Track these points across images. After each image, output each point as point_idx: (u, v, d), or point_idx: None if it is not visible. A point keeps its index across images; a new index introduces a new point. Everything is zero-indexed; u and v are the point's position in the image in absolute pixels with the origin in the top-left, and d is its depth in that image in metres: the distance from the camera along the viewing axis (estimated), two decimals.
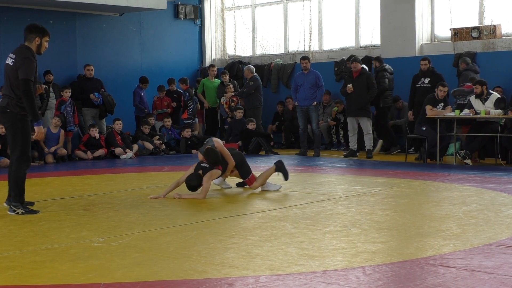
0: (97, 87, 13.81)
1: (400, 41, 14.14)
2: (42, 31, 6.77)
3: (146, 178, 9.94)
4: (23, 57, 6.63)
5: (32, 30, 6.75)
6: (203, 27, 17.67)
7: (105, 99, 13.78)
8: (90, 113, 13.88)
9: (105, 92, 13.89)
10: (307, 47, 16.11)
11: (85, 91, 13.73)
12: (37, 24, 6.88)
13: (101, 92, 13.78)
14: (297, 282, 4.01)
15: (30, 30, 6.75)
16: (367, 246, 4.95)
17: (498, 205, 6.80)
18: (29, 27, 6.80)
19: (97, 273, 4.27)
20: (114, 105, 13.92)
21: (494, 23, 13.25)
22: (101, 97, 13.72)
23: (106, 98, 13.79)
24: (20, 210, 6.60)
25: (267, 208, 6.81)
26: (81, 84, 13.95)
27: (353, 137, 12.92)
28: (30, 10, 14.22)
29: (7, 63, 6.72)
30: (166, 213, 6.59)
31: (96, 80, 13.98)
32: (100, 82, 14.01)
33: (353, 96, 12.64)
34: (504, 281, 3.97)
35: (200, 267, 4.39)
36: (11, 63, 6.65)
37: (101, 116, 13.91)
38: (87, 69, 13.95)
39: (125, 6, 14.58)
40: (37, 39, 6.71)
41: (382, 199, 7.37)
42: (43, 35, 6.75)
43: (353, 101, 12.67)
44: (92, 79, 13.94)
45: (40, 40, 6.73)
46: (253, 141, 13.61)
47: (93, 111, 13.89)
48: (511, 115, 10.71)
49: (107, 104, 13.78)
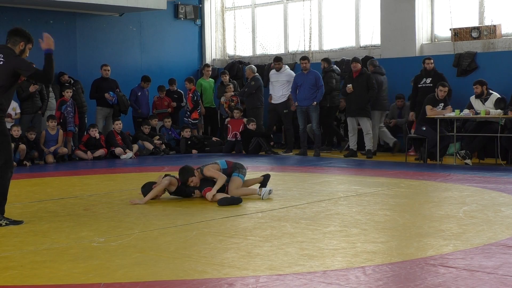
0: (112, 87, 13.97)
1: (400, 41, 14.14)
2: (27, 37, 6.47)
3: (146, 178, 9.92)
4: (14, 56, 6.34)
5: (17, 33, 6.46)
6: (203, 27, 17.67)
7: (120, 99, 13.98)
8: (103, 112, 14.00)
9: (120, 92, 14.06)
10: (307, 47, 16.11)
11: (100, 91, 13.86)
12: (23, 29, 6.57)
13: (116, 92, 13.93)
14: (297, 282, 4.01)
15: (16, 33, 6.45)
16: (367, 246, 4.95)
17: (498, 205, 6.80)
18: (15, 30, 6.50)
19: (97, 273, 4.27)
20: (128, 105, 14.24)
21: (494, 23, 13.24)
22: (116, 97, 13.86)
23: (121, 98, 14.01)
24: (4, 221, 6.11)
25: (267, 208, 6.81)
26: (97, 83, 14.06)
27: (353, 137, 12.92)
28: (30, 10, 14.22)
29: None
30: (166, 213, 6.59)
31: (112, 81, 14.12)
32: (116, 82, 14.16)
33: (353, 96, 12.64)
34: (504, 281, 3.97)
35: (200, 267, 4.39)
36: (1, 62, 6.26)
37: (114, 116, 14.01)
38: (104, 69, 14.09)
39: (125, 6, 14.58)
40: (21, 44, 6.40)
41: (382, 199, 7.37)
42: (28, 41, 6.45)
43: (353, 101, 12.68)
44: (108, 79, 14.09)
45: (24, 45, 6.43)
46: (253, 141, 13.61)
47: (106, 111, 14.03)
48: (511, 115, 10.71)
49: (122, 104, 13.98)
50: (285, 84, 13.68)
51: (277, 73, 13.81)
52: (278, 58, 13.96)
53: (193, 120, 14.93)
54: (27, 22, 13.88)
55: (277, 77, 13.82)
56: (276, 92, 13.81)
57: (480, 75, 12.36)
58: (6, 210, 6.11)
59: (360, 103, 12.56)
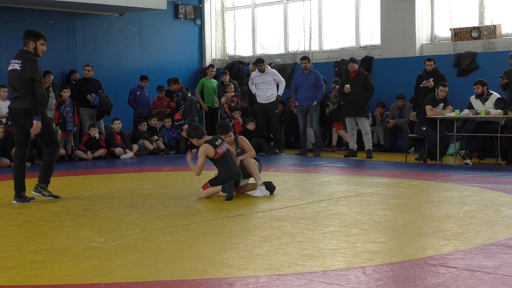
0: (95, 88, 13.76)
1: (400, 41, 14.14)
2: (35, 35, 7.23)
3: (146, 178, 9.94)
4: (28, 59, 7.09)
5: (26, 35, 7.25)
6: (203, 27, 17.67)
7: (102, 100, 13.70)
8: (87, 113, 13.87)
9: (103, 93, 13.82)
10: (307, 47, 16.11)
11: (83, 91, 13.71)
12: (31, 29, 7.35)
13: (99, 93, 13.72)
14: (297, 282, 4.01)
15: (25, 36, 7.24)
16: (367, 246, 4.95)
17: (498, 205, 6.80)
18: (24, 33, 7.28)
19: (97, 273, 4.27)
20: (111, 106, 13.84)
21: (494, 23, 13.25)
22: (98, 98, 13.68)
23: (104, 99, 13.71)
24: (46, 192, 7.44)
25: (267, 208, 6.81)
26: (80, 84, 13.95)
27: (352, 137, 12.92)
28: (30, 10, 14.22)
29: (14, 68, 7.21)
30: (166, 213, 6.59)
31: (95, 81, 13.90)
32: (99, 83, 13.92)
33: (350, 96, 12.65)
34: (504, 281, 3.97)
35: (200, 267, 4.39)
36: (18, 68, 7.10)
37: (98, 117, 13.91)
38: (85, 69, 13.92)
39: (125, 6, 14.58)
40: (31, 43, 7.18)
41: (382, 199, 7.37)
42: (36, 39, 7.20)
43: (350, 101, 12.69)
44: (91, 80, 13.89)
45: (35, 43, 7.19)
46: (253, 141, 13.60)
47: (90, 111, 13.87)
48: (511, 115, 10.71)
49: (104, 105, 13.74)
50: (272, 83, 13.62)
51: (261, 74, 13.63)
52: (260, 59, 13.84)
53: (176, 122, 14.83)
54: (27, 22, 13.88)
55: (262, 78, 13.63)
56: (264, 92, 13.64)
57: (480, 75, 12.36)
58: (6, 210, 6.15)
59: (358, 103, 12.56)
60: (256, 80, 13.74)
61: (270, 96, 13.62)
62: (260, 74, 13.68)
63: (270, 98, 13.62)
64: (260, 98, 13.67)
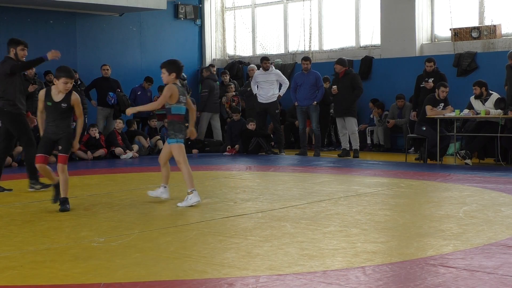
0: (113, 87, 13.91)
1: (400, 41, 14.14)
2: (15, 42, 7.90)
3: (146, 178, 9.94)
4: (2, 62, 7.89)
5: (8, 43, 7.93)
6: (203, 27, 17.67)
7: (120, 99, 13.88)
8: (103, 113, 13.98)
9: (121, 92, 13.99)
10: (307, 47, 16.11)
11: (101, 90, 13.82)
12: (13, 37, 8.04)
13: (117, 93, 13.89)
14: (297, 282, 4.01)
15: (7, 44, 7.88)
16: (367, 246, 4.95)
17: (498, 205, 6.80)
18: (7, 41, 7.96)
19: (97, 273, 4.27)
20: (128, 105, 13.97)
21: (494, 23, 13.25)
22: (115, 97, 13.80)
23: (121, 98, 13.90)
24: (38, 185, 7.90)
25: (267, 208, 6.81)
26: (98, 83, 14.02)
27: (343, 136, 13.00)
28: (30, 10, 14.22)
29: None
30: (166, 213, 6.59)
31: (113, 81, 14.06)
32: (117, 83, 14.09)
33: (339, 96, 12.69)
34: (504, 281, 3.97)
35: (200, 267, 4.39)
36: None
37: (115, 116, 13.99)
38: (103, 69, 14.02)
39: (125, 6, 14.58)
40: (12, 50, 7.86)
41: (382, 199, 7.37)
42: (16, 45, 7.87)
43: (339, 101, 12.74)
44: (109, 79, 14.02)
45: (15, 50, 7.84)
46: (253, 141, 13.61)
47: (107, 111, 14.00)
48: (511, 115, 10.71)
49: (122, 104, 13.87)
50: (275, 83, 13.62)
51: (265, 73, 13.63)
52: (265, 57, 13.82)
53: None
54: (27, 22, 13.89)
55: (265, 77, 13.62)
56: (265, 92, 13.59)
57: (480, 75, 12.37)
58: (6, 210, 6.16)
59: (346, 103, 12.60)
60: (259, 78, 13.72)
61: (271, 96, 13.58)
62: (264, 73, 13.67)
63: (271, 98, 13.58)
64: (260, 98, 13.63)
